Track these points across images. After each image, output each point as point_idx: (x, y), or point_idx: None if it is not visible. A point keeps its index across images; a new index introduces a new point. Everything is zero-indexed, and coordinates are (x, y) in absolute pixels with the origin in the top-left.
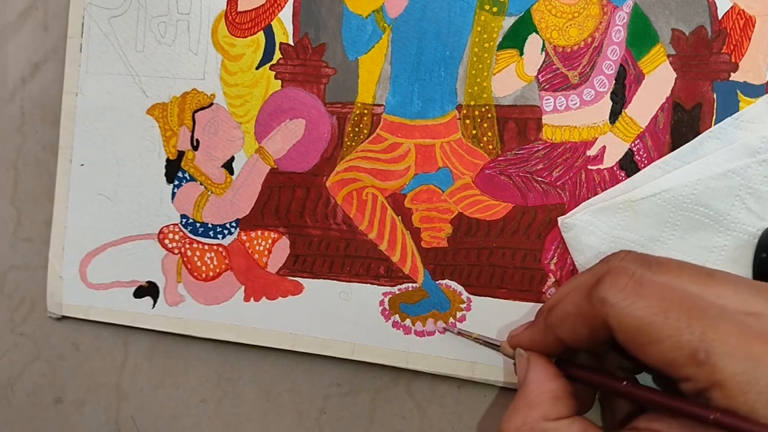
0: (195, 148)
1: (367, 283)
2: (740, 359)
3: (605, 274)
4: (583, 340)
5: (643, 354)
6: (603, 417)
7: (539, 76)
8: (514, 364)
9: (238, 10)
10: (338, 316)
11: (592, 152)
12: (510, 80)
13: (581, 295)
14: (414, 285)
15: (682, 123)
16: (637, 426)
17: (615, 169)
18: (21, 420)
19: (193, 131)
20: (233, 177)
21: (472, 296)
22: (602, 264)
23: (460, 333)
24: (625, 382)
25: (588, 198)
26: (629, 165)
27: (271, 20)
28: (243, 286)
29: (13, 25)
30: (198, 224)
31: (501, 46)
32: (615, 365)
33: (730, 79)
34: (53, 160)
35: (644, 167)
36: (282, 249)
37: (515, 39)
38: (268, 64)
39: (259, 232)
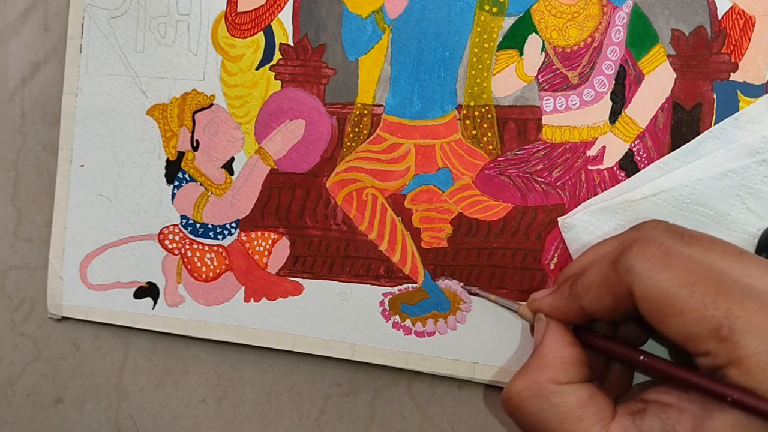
0: (195, 148)
1: (367, 283)
2: (763, 338)
3: (633, 242)
4: (606, 309)
5: (665, 326)
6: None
7: (539, 77)
8: (531, 327)
9: (238, 10)
10: (338, 317)
11: (592, 152)
12: (510, 80)
13: (607, 263)
14: (414, 285)
15: (682, 123)
16: (646, 398)
17: (615, 169)
18: (21, 420)
19: (193, 132)
20: (233, 178)
21: (472, 296)
22: (632, 231)
23: (477, 294)
24: (642, 357)
25: (588, 198)
26: (629, 165)
27: (271, 21)
28: (243, 287)
29: (13, 25)
30: (198, 225)
31: (501, 47)
32: (626, 335)
33: (730, 79)
34: (53, 161)
35: (644, 167)
36: (282, 249)
37: (515, 39)
38: (268, 65)
39: (259, 232)
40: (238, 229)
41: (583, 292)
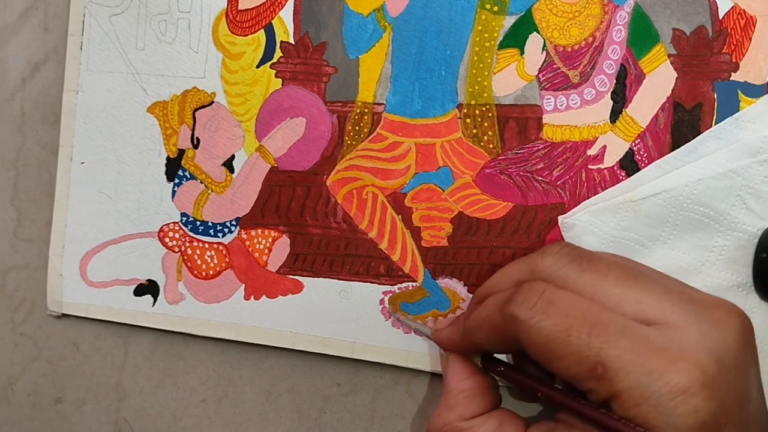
0: (195, 146)
1: (367, 281)
2: (635, 374)
3: (519, 289)
4: (497, 347)
5: (552, 368)
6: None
7: (540, 76)
8: None
9: (239, 8)
10: (338, 315)
11: (592, 152)
12: (511, 79)
13: (496, 307)
14: (414, 284)
15: (683, 123)
16: (558, 417)
17: (615, 168)
18: (21, 420)
19: (193, 129)
20: (233, 175)
21: (472, 295)
22: (537, 255)
23: (398, 319)
24: (539, 393)
25: (588, 197)
26: (630, 165)
27: (272, 19)
28: (243, 285)
29: (13, 25)
30: (198, 223)
31: (502, 46)
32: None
33: (731, 78)
34: (53, 161)
35: (645, 167)
36: (282, 247)
37: (516, 38)
38: (269, 63)
39: (260, 230)
40: (238, 227)
41: (475, 329)
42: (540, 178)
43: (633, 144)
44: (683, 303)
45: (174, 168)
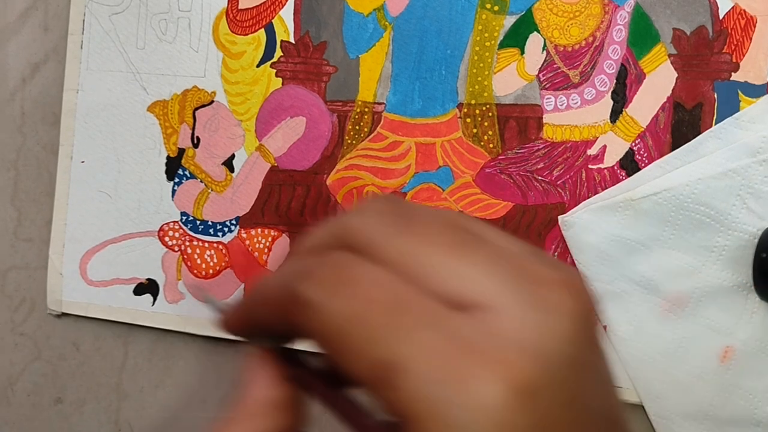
0: (195, 145)
1: None
2: (427, 382)
3: (310, 263)
4: (279, 333)
5: (342, 366)
6: None
7: (540, 75)
8: None
9: (239, 7)
10: None
11: (592, 151)
12: (511, 79)
13: (282, 279)
14: None
15: (683, 122)
16: None
17: (615, 168)
18: (21, 420)
19: (193, 129)
20: (233, 175)
21: None
22: (351, 214)
23: (207, 301)
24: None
25: (588, 197)
26: (630, 164)
27: (272, 18)
28: (243, 284)
29: (13, 25)
30: (198, 222)
31: (502, 45)
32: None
33: (731, 78)
34: (53, 161)
35: (645, 167)
36: (282, 247)
37: (516, 38)
38: (269, 62)
39: (259, 230)
40: (238, 227)
41: (254, 303)
42: (540, 177)
43: (633, 144)
44: (517, 280)
45: (174, 167)
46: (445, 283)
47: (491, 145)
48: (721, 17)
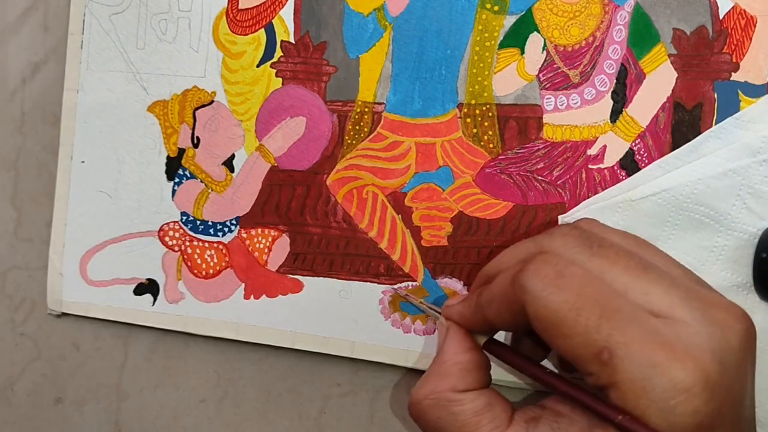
0: (195, 145)
1: (367, 281)
2: (639, 365)
3: (532, 258)
4: (507, 323)
5: (555, 345)
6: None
7: (540, 75)
8: None
9: (239, 7)
10: (338, 314)
11: (592, 151)
12: (511, 79)
13: (509, 277)
14: (414, 283)
15: (683, 123)
16: (545, 404)
17: (615, 168)
18: (21, 420)
19: (193, 129)
20: (234, 175)
21: None
22: (544, 236)
23: (407, 297)
24: (543, 369)
25: (588, 197)
26: (630, 164)
27: (272, 18)
28: (243, 284)
29: (13, 25)
30: (198, 222)
31: (502, 45)
32: (532, 346)
33: (731, 78)
34: (53, 161)
35: (645, 167)
36: (282, 247)
37: (516, 38)
38: (269, 62)
39: (260, 230)
40: (238, 226)
41: (487, 304)
42: (540, 177)
43: (633, 144)
44: (690, 300)
45: (174, 167)
46: (638, 297)
47: (491, 145)
48: (721, 17)
